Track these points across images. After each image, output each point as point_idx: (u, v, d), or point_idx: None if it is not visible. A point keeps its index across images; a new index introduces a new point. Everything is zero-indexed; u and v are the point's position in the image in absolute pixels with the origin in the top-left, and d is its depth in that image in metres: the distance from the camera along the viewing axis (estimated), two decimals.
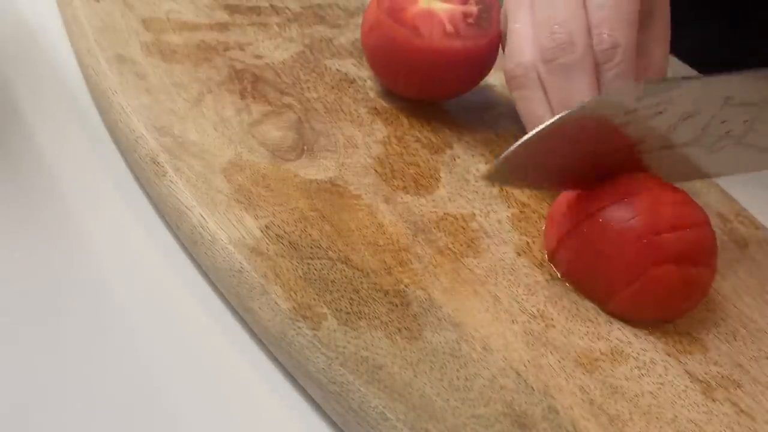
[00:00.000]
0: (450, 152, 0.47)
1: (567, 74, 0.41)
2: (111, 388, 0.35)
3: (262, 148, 0.44)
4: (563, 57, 0.41)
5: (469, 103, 0.51)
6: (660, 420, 0.36)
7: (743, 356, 0.40)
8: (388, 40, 0.47)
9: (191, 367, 0.37)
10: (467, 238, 0.42)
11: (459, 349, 0.36)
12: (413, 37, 0.46)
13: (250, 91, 0.48)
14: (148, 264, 0.41)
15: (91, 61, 0.47)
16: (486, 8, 0.49)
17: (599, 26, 0.41)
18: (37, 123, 0.46)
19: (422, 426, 0.33)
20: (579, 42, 0.41)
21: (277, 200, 0.41)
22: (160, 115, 0.44)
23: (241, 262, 0.38)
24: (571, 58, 0.41)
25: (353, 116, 0.48)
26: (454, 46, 0.47)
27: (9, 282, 0.38)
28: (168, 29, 0.50)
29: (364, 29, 0.49)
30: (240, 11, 0.54)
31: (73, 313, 0.37)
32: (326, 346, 0.35)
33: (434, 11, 0.47)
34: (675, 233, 0.38)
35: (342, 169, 0.44)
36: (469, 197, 0.45)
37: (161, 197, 0.41)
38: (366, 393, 0.34)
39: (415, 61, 0.47)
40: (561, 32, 0.41)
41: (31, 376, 0.35)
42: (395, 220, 0.42)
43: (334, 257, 0.39)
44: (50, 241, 0.40)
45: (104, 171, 0.45)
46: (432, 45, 0.46)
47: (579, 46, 0.41)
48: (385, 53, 0.48)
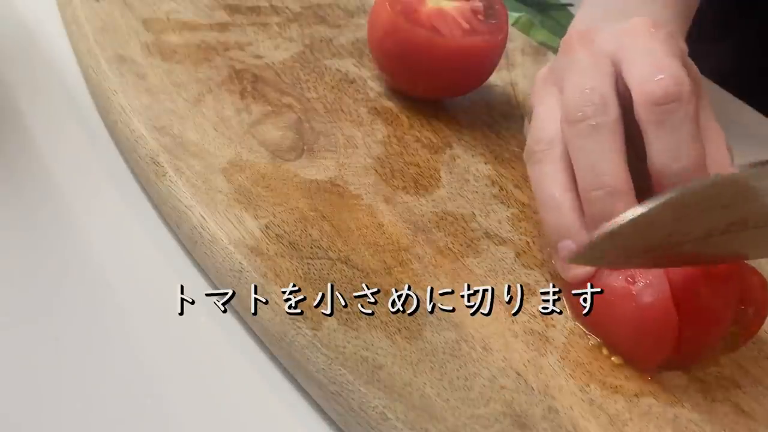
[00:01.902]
0: (450, 152, 0.47)
1: (597, 136, 0.39)
2: (110, 388, 0.35)
3: (262, 148, 0.44)
4: (594, 118, 0.39)
5: (469, 103, 0.51)
6: (660, 420, 0.36)
7: (744, 357, 0.40)
8: (409, 43, 0.47)
9: (191, 367, 0.37)
10: (467, 238, 0.42)
11: (459, 349, 0.36)
12: (435, 37, 0.46)
13: (250, 91, 0.48)
14: (147, 264, 0.41)
15: (91, 62, 0.47)
16: (490, 3, 0.49)
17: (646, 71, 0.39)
18: (37, 123, 0.46)
19: (422, 426, 0.33)
20: (611, 104, 0.39)
21: (277, 200, 0.41)
22: (160, 115, 0.44)
23: (241, 262, 0.38)
24: (602, 119, 0.39)
25: (353, 116, 0.48)
26: (475, 43, 0.47)
27: (8, 282, 0.38)
28: (168, 29, 0.50)
29: (376, 35, 0.49)
30: (240, 11, 0.54)
31: (72, 312, 0.37)
32: (326, 346, 0.35)
33: (445, 10, 0.48)
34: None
35: (342, 169, 0.44)
36: (469, 197, 0.45)
37: (161, 197, 0.41)
38: (366, 393, 0.34)
39: (438, 61, 0.47)
40: (592, 95, 0.39)
41: (30, 376, 0.35)
42: (395, 220, 0.42)
43: (334, 257, 0.39)
44: (50, 241, 0.40)
45: (104, 171, 0.45)
46: (454, 44, 0.47)
47: (611, 108, 0.39)
48: (406, 56, 0.48)
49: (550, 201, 0.40)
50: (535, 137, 0.42)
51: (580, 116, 0.39)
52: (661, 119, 0.38)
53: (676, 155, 0.38)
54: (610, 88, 0.40)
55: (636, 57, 0.40)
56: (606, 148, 0.39)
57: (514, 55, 0.56)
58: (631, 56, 0.40)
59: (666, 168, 0.39)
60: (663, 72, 0.39)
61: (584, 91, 0.40)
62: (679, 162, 0.38)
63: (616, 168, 0.38)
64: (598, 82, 0.40)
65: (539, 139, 0.41)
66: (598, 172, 0.38)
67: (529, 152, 0.42)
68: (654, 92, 0.38)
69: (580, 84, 0.40)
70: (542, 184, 0.41)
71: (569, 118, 0.40)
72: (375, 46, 0.50)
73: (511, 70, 0.55)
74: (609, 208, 0.38)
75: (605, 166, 0.38)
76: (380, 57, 0.50)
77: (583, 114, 0.39)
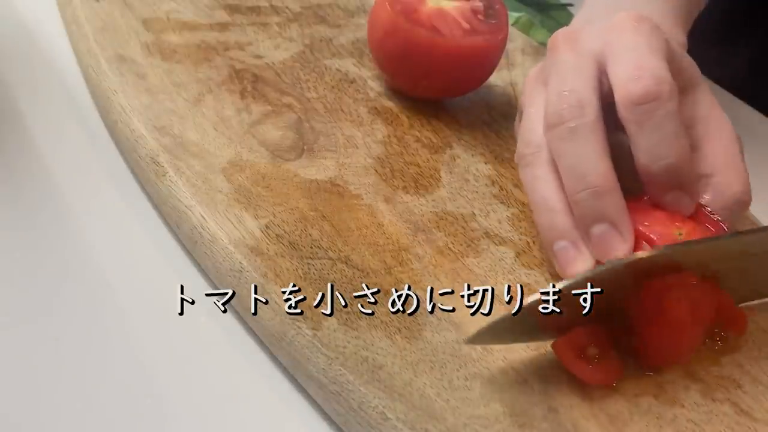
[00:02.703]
0: (450, 152, 0.47)
1: (575, 139, 0.39)
2: (110, 388, 0.35)
3: (262, 148, 0.44)
4: (572, 121, 0.39)
5: (469, 103, 0.51)
6: (660, 420, 0.36)
7: (743, 356, 0.40)
8: (409, 43, 0.47)
9: (191, 367, 0.37)
10: (467, 238, 0.42)
11: (459, 349, 0.36)
12: (435, 37, 0.46)
13: (250, 91, 0.48)
14: (147, 264, 0.41)
15: (91, 61, 0.47)
16: (490, 3, 0.49)
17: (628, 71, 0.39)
18: (37, 123, 0.46)
19: (422, 426, 0.33)
20: (588, 105, 0.39)
21: (277, 200, 0.41)
22: (160, 115, 0.44)
23: (241, 262, 0.38)
24: (580, 121, 0.39)
25: (353, 116, 0.48)
26: (475, 43, 0.47)
27: (9, 282, 0.38)
28: (168, 29, 0.50)
29: (376, 35, 0.49)
30: (240, 11, 0.54)
31: (72, 312, 0.37)
32: (326, 346, 0.35)
33: (446, 10, 0.48)
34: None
35: (342, 169, 0.44)
36: (469, 197, 0.45)
37: (161, 197, 0.41)
38: (366, 393, 0.34)
39: (439, 61, 0.47)
40: (570, 97, 0.39)
41: (30, 376, 0.35)
42: (395, 220, 0.42)
43: (334, 257, 0.39)
44: (50, 241, 0.40)
45: (104, 171, 0.45)
46: (454, 44, 0.47)
47: (588, 109, 0.39)
48: (406, 56, 0.48)
49: (542, 204, 0.40)
50: (525, 140, 0.42)
51: (558, 120, 0.39)
52: (642, 119, 0.39)
53: (659, 154, 0.39)
54: (588, 89, 0.40)
55: (618, 56, 0.40)
56: (587, 149, 0.39)
57: (514, 55, 0.56)
58: (614, 55, 0.40)
59: (650, 166, 0.39)
60: (643, 71, 0.39)
61: (562, 94, 0.40)
62: (662, 160, 0.39)
63: (597, 168, 0.39)
64: (577, 84, 0.40)
65: (528, 141, 0.41)
66: (581, 174, 0.39)
67: (520, 155, 0.42)
68: (634, 93, 0.39)
69: (559, 87, 0.40)
70: (534, 187, 0.41)
71: (548, 122, 0.40)
72: (375, 46, 0.50)
73: (511, 70, 0.55)
74: (596, 208, 0.38)
75: (587, 167, 0.39)
76: (380, 57, 0.50)
77: (561, 117, 0.39)
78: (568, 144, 0.39)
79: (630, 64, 0.39)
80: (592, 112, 0.39)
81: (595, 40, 0.41)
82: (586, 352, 0.36)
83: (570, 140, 0.39)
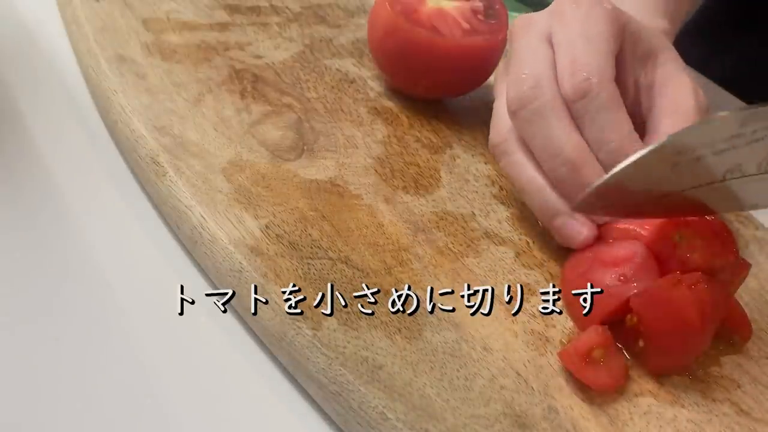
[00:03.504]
0: (450, 152, 0.47)
1: (540, 119, 0.40)
2: (110, 388, 0.35)
3: (262, 148, 0.44)
4: (532, 103, 0.40)
5: (469, 103, 0.51)
6: (660, 420, 0.36)
7: (744, 357, 0.40)
8: (409, 43, 0.47)
9: (191, 367, 0.37)
10: (467, 238, 0.42)
11: (459, 349, 0.36)
12: (435, 37, 0.46)
13: (250, 91, 0.48)
14: (147, 264, 0.41)
15: (91, 62, 0.47)
16: (490, 3, 0.49)
17: (565, 66, 0.40)
18: (37, 123, 0.46)
19: (422, 426, 0.33)
20: (545, 85, 0.40)
21: (277, 200, 0.41)
22: (160, 115, 0.44)
23: (241, 262, 0.38)
24: (540, 101, 0.40)
25: (353, 116, 0.48)
26: (475, 43, 0.47)
27: (8, 281, 0.38)
28: (168, 29, 0.50)
29: (376, 35, 0.49)
30: (240, 11, 0.54)
31: (72, 312, 0.37)
32: (326, 346, 0.35)
33: (446, 10, 0.48)
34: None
35: (342, 169, 0.44)
36: (469, 197, 0.45)
37: (161, 197, 0.41)
38: (366, 393, 0.34)
39: (439, 60, 0.47)
40: (527, 80, 0.40)
41: (30, 376, 0.35)
42: (395, 220, 0.42)
43: (334, 257, 0.39)
44: (50, 241, 0.40)
45: (104, 171, 0.45)
46: (454, 43, 0.47)
47: (546, 89, 0.40)
48: (406, 56, 0.48)
49: (528, 185, 0.41)
50: (496, 130, 0.43)
51: (520, 104, 0.40)
52: (580, 114, 0.40)
53: (600, 143, 0.40)
54: (545, 69, 0.41)
55: (557, 47, 0.41)
56: (554, 126, 0.40)
57: None
58: (555, 45, 0.41)
59: (598, 155, 0.40)
60: (575, 66, 0.40)
61: (519, 78, 0.41)
62: (604, 147, 0.40)
63: (569, 142, 0.39)
64: (534, 66, 0.41)
65: (498, 131, 0.42)
66: (555, 152, 0.40)
67: (493, 145, 0.43)
68: (567, 92, 0.40)
69: (516, 72, 0.41)
70: (516, 172, 0.42)
71: (511, 107, 0.41)
72: (375, 46, 0.50)
73: None
74: (578, 180, 0.39)
75: (558, 143, 0.40)
76: (380, 57, 0.50)
77: (521, 101, 0.40)
78: (535, 126, 0.40)
79: (565, 58, 0.40)
80: (549, 89, 0.40)
81: (545, 25, 0.42)
82: (592, 356, 0.36)
83: (536, 121, 0.40)
